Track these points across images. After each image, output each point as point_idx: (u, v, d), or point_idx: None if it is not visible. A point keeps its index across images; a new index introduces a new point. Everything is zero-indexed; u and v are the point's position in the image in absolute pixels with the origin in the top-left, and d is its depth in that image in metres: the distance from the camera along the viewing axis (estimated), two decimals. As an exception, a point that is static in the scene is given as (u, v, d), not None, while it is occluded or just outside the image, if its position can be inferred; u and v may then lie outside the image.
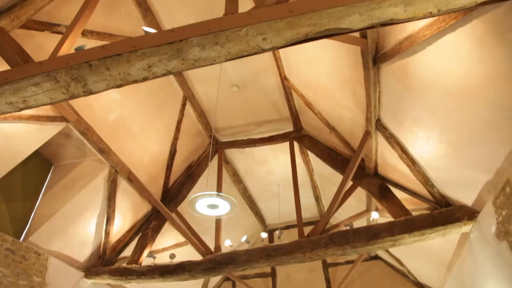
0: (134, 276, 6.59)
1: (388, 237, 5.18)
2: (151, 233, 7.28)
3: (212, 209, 4.99)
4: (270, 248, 6.02)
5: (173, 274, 6.42)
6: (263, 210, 10.25)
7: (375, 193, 6.20)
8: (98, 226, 6.73)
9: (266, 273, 10.39)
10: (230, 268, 6.22)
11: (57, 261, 6.27)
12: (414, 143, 5.04)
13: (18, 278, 5.57)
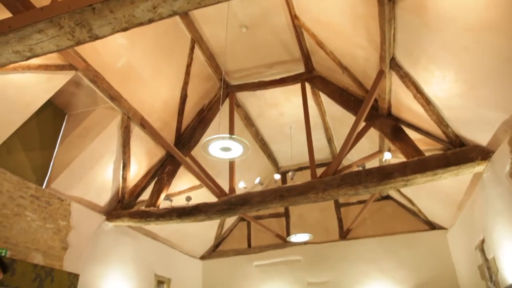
0: (152, 218, 6.87)
1: (400, 177, 5.23)
2: (167, 177, 7.47)
3: (225, 151, 5.03)
4: (283, 189, 6.15)
5: (190, 215, 6.67)
6: (275, 152, 10.35)
7: (388, 134, 6.16)
8: (115, 172, 6.92)
9: (279, 213, 10.73)
10: (245, 209, 6.41)
11: (79, 206, 6.54)
12: (429, 82, 4.90)
13: (45, 222, 5.86)
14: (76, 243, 6.37)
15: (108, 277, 7.11)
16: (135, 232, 8.07)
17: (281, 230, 10.48)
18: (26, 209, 5.54)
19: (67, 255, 6.17)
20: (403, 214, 9.58)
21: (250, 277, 10.22)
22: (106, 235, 7.20)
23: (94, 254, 6.86)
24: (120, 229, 7.55)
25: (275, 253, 10.21)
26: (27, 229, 5.54)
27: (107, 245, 7.23)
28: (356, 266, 9.36)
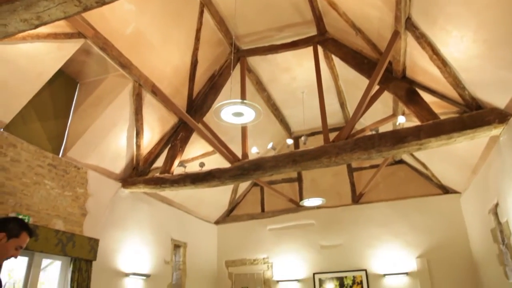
0: (167, 184, 6.99)
1: (414, 141, 5.16)
2: (180, 144, 7.53)
3: (237, 117, 5.02)
4: (296, 154, 6.15)
5: (204, 181, 6.76)
6: (288, 117, 10.29)
7: (402, 97, 6.05)
8: (129, 140, 6.99)
9: (292, 178, 10.81)
10: (258, 174, 6.46)
11: (95, 173, 6.68)
12: (446, 42, 4.73)
13: (63, 190, 6.02)
14: (94, 210, 6.56)
15: (126, 241, 7.36)
16: (150, 198, 8.25)
17: (294, 195, 10.60)
18: (44, 178, 5.69)
19: (86, 221, 6.37)
20: (416, 179, 9.56)
21: (263, 240, 10.46)
22: (122, 201, 7.38)
23: (112, 219, 7.06)
24: (136, 196, 7.72)
25: (288, 217, 10.38)
26: (47, 197, 5.70)
27: (124, 211, 7.43)
28: (369, 230, 9.48)
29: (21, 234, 2.29)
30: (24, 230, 2.32)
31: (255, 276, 10.32)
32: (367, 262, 9.32)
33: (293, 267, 9.95)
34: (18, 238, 2.27)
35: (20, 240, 2.29)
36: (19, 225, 2.32)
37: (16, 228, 2.28)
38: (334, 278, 9.49)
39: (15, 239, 2.26)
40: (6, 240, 2.22)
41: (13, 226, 2.28)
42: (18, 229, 2.29)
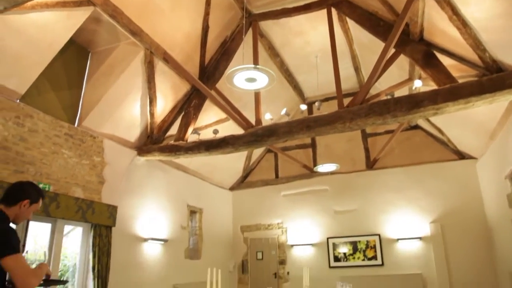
0: (182, 151, 7.06)
1: (430, 106, 5.06)
2: (193, 111, 7.53)
3: (250, 82, 4.97)
4: (310, 120, 6.10)
5: (218, 147, 6.80)
6: (301, 83, 10.16)
7: (419, 60, 5.87)
8: (143, 108, 7.02)
9: (306, 144, 10.80)
10: (272, 140, 6.46)
11: (111, 142, 6.76)
12: (467, 1, 4.53)
13: (81, 159, 6.14)
14: (111, 178, 6.69)
15: (144, 208, 7.54)
16: (166, 165, 8.37)
17: (308, 161, 10.62)
18: (62, 147, 5.79)
19: (104, 189, 6.52)
20: (431, 144, 9.45)
21: (278, 206, 10.61)
22: (138, 169, 7.51)
23: (129, 187, 7.22)
24: (151, 163, 7.84)
25: (302, 183, 10.45)
26: (65, 166, 5.83)
27: (140, 179, 7.57)
28: (383, 195, 9.51)
29: (39, 200, 2.49)
30: (41, 196, 2.52)
31: (269, 241, 10.55)
32: (380, 227, 9.41)
33: (307, 232, 10.12)
34: (37, 203, 2.47)
35: (38, 204, 2.49)
36: (37, 191, 2.50)
37: (35, 194, 2.47)
38: (347, 243, 9.64)
39: (35, 204, 2.46)
40: (29, 206, 2.40)
41: (33, 192, 2.46)
42: (37, 195, 2.48)
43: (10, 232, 2.22)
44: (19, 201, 2.36)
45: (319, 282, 7.29)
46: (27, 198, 2.39)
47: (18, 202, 2.36)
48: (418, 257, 8.91)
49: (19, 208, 2.35)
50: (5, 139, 4.98)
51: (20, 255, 2.14)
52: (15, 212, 2.35)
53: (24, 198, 2.38)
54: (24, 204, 2.36)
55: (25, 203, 2.37)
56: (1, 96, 4.97)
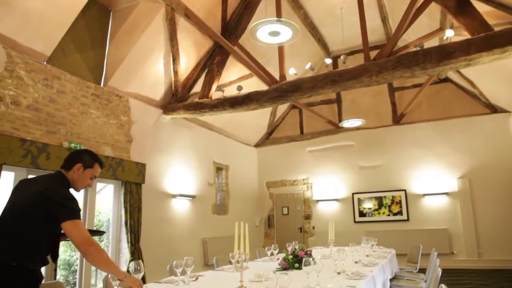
0: (206, 109, 7.09)
1: (462, 57, 4.82)
2: (217, 68, 7.48)
3: (273, 36, 4.85)
4: (335, 74, 5.96)
5: (242, 104, 6.78)
6: (326, 37, 9.84)
7: (451, 8, 5.53)
8: (166, 66, 7.01)
9: (331, 99, 10.63)
10: (296, 96, 6.38)
11: (136, 101, 6.85)
12: None
13: (108, 118, 6.27)
14: (138, 136, 6.84)
15: (171, 165, 7.73)
16: (191, 123, 8.46)
17: (333, 116, 10.50)
18: (90, 107, 5.91)
19: (132, 147, 6.68)
20: (462, 97, 9.12)
21: (303, 162, 10.66)
22: (165, 127, 7.62)
23: (156, 145, 7.37)
24: (177, 121, 7.93)
25: (327, 139, 10.41)
26: (94, 125, 5.97)
27: (167, 137, 7.70)
28: (409, 151, 9.38)
29: (94, 165, 2.51)
30: (96, 161, 2.54)
31: (295, 196, 10.71)
32: (406, 183, 9.36)
33: (332, 188, 10.19)
34: (92, 168, 2.50)
35: (94, 170, 2.52)
36: (92, 157, 2.53)
37: (89, 159, 2.50)
38: (373, 198, 9.67)
39: (90, 169, 2.49)
40: (82, 170, 2.45)
41: (87, 157, 2.50)
42: (92, 161, 2.51)
43: (71, 197, 2.31)
44: (73, 166, 2.43)
45: (344, 237, 7.41)
46: (80, 162, 2.44)
47: (72, 167, 2.43)
48: (444, 213, 8.88)
49: (73, 173, 2.43)
50: (36, 100, 5.11)
51: (79, 221, 2.24)
52: (72, 177, 2.43)
53: (77, 162, 2.43)
54: (77, 168, 2.43)
55: (78, 167, 2.43)
56: (30, 58, 5.05)
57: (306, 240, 10.22)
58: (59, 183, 2.37)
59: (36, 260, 2.23)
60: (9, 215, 2.25)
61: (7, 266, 2.12)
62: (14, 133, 4.78)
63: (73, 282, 5.94)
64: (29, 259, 2.18)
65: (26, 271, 2.17)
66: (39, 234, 2.22)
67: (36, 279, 2.25)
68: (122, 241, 6.42)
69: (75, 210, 2.25)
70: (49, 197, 2.21)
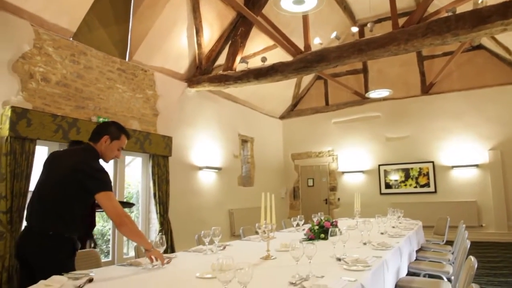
0: (231, 81, 7.07)
1: (499, 21, 4.55)
2: (240, 40, 7.40)
3: (298, 5, 4.72)
4: (361, 43, 5.78)
5: (267, 76, 6.72)
6: (352, 4, 9.51)
7: (487, -31, 5.23)
8: (190, 39, 6.98)
9: (357, 69, 10.39)
10: (321, 66, 6.25)
11: (161, 75, 6.89)
12: None
13: (134, 93, 6.35)
14: (164, 110, 6.92)
15: (197, 138, 7.82)
16: (216, 96, 8.48)
17: (359, 87, 10.28)
18: (116, 82, 5.99)
19: (158, 121, 6.78)
20: (496, 66, 8.71)
21: (328, 134, 10.57)
22: (190, 100, 7.67)
23: (182, 118, 7.45)
24: (202, 94, 7.96)
25: (353, 110, 10.24)
26: (121, 100, 6.07)
27: (192, 110, 7.76)
28: (438, 122, 9.13)
29: (121, 136, 2.56)
30: (123, 132, 2.59)
31: (320, 168, 10.69)
32: (434, 154, 9.17)
33: (358, 159, 10.10)
34: (119, 140, 2.54)
35: (121, 141, 2.56)
36: (118, 129, 2.58)
37: (116, 131, 2.55)
38: (399, 170, 9.55)
39: (117, 141, 2.53)
40: (110, 142, 2.50)
41: (113, 129, 2.55)
42: (118, 132, 2.55)
43: (103, 170, 2.40)
44: (101, 138, 2.49)
45: (370, 208, 7.38)
46: (107, 134, 2.49)
47: (100, 139, 2.48)
48: (474, 185, 8.69)
49: (101, 145, 2.48)
50: (64, 76, 5.22)
51: (112, 193, 2.32)
52: (100, 149, 2.49)
53: (104, 134, 2.49)
54: (105, 140, 2.48)
55: (105, 139, 2.48)
56: (56, 35, 5.13)
57: (331, 211, 10.27)
58: (90, 156, 2.45)
59: (72, 229, 2.33)
60: (45, 186, 2.35)
61: (45, 235, 2.24)
62: (45, 109, 4.92)
63: (106, 251, 6.21)
64: (65, 228, 2.29)
65: (63, 240, 2.29)
66: (73, 205, 2.32)
67: (72, 247, 2.36)
68: (151, 212, 6.62)
69: (106, 182, 2.33)
70: (81, 170, 2.30)
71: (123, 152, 6.05)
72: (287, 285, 1.86)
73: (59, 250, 2.27)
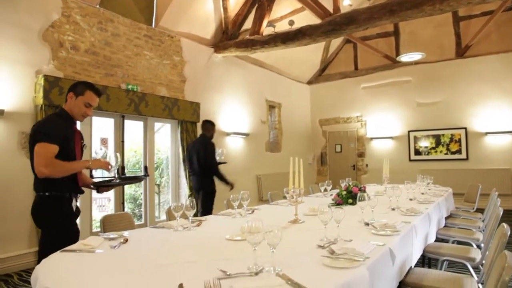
0: (257, 46, 6.97)
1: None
2: (267, 3, 7.22)
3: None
4: (393, 3, 5.51)
5: (294, 39, 6.58)
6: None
7: None
8: (216, 3, 6.88)
9: (388, 32, 9.98)
10: (351, 28, 6.04)
11: (188, 41, 6.86)
12: None
13: (162, 59, 6.37)
14: (192, 76, 6.93)
15: (224, 104, 7.84)
16: (243, 61, 8.40)
17: (390, 50, 9.93)
18: (143, 49, 6.02)
19: (186, 87, 6.82)
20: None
21: (357, 99, 10.36)
22: (217, 66, 7.64)
23: (209, 84, 7.45)
24: (228, 60, 7.90)
25: (383, 75, 9.95)
26: (149, 66, 6.11)
27: (219, 76, 7.74)
28: (472, 86, 8.75)
29: (85, 92, 2.56)
30: (88, 88, 2.59)
31: (348, 134, 10.57)
32: (468, 120, 8.85)
33: (387, 125, 9.91)
34: (83, 95, 2.55)
35: (85, 97, 2.56)
36: (84, 85, 2.60)
37: (81, 87, 2.57)
38: (430, 136, 9.32)
39: (81, 96, 2.54)
40: (75, 98, 2.53)
41: (79, 86, 2.58)
42: (83, 88, 2.57)
43: (51, 122, 2.45)
44: (67, 96, 2.55)
45: (398, 174, 7.28)
46: (71, 91, 2.54)
47: (67, 98, 2.55)
48: (508, 152, 8.39)
49: (68, 103, 2.53)
50: (93, 44, 5.28)
51: (48, 145, 2.31)
52: (68, 108, 2.53)
53: (69, 92, 2.54)
54: (70, 96, 2.53)
55: (70, 96, 2.53)
56: (83, 2, 5.15)
57: (359, 177, 10.22)
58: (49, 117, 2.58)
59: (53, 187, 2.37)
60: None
61: (38, 197, 2.40)
62: (76, 77, 5.02)
63: (139, 214, 6.45)
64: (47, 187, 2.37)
65: (51, 199, 2.38)
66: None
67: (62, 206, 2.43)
68: (181, 177, 6.78)
69: (45, 133, 2.33)
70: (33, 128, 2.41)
71: (152, 119, 6.17)
72: (315, 248, 1.90)
73: (46, 208, 2.38)
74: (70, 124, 2.54)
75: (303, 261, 1.68)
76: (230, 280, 1.39)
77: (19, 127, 4.52)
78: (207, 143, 5.22)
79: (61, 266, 1.71)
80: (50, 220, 2.38)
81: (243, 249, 1.86)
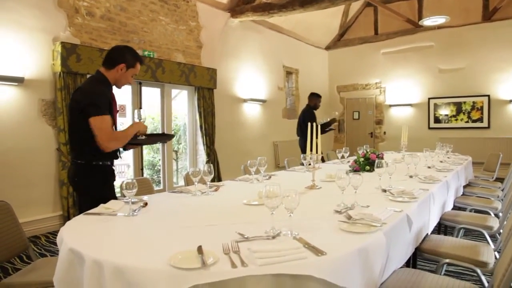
0: (275, 9, 6.81)
1: None
2: (285, -35, 6.98)
3: None
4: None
5: (313, 2, 6.41)
6: None
7: None
8: (232, -35, 6.68)
9: (411, -6, 9.59)
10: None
11: (204, 5, 6.73)
12: None
13: (178, 25, 6.29)
14: (208, 41, 6.85)
15: (241, 70, 7.76)
16: (260, 26, 8.23)
17: (412, 14, 9.55)
18: (159, 14, 5.94)
19: (202, 53, 6.76)
20: None
21: (376, 65, 10.12)
22: (233, 31, 7.52)
23: (225, 50, 7.36)
24: (245, 25, 7.75)
25: (404, 40, 9.63)
26: (165, 32, 6.05)
27: (236, 41, 7.63)
28: (499, 52, 8.39)
29: (136, 65, 2.55)
30: (138, 60, 2.56)
31: (366, 101, 10.41)
32: (491, 87, 8.58)
33: (406, 92, 9.70)
34: (134, 68, 2.53)
35: (135, 69, 2.56)
36: (134, 56, 2.55)
37: (132, 59, 2.52)
38: (451, 104, 9.10)
39: (132, 69, 2.53)
40: (125, 70, 2.50)
41: (129, 57, 2.52)
42: (134, 60, 2.53)
43: (99, 91, 2.39)
44: (116, 65, 2.46)
45: (417, 142, 7.19)
46: (124, 62, 2.46)
47: (115, 66, 2.47)
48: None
49: (116, 72, 2.47)
50: (108, 10, 5.23)
51: (104, 117, 2.30)
52: (114, 76, 2.48)
53: (121, 62, 2.46)
54: (121, 68, 2.46)
55: (121, 67, 2.46)
56: (98, -36, 5.06)
57: (376, 145, 10.14)
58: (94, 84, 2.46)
59: (95, 156, 2.39)
60: (69, 120, 2.53)
61: (77, 164, 2.41)
62: (93, 44, 5.02)
63: (157, 180, 6.58)
64: (89, 156, 2.38)
65: (92, 167, 2.40)
66: (87, 133, 2.31)
67: (104, 174, 2.46)
68: (198, 143, 6.84)
69: (99, 106, 2.31)
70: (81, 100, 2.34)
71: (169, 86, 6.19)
72: (332, 213, 1.91)
73: (90, 177, 2.40)
74: (110, 90, 2.52)
75: (320, 226, 1.70)
76: (248, 243, 1.42)
77: (38, 95, 4.58)
78: (303, 111, 6.73)
79: (84, 228, 1.77)
80: (94, 188, 2.40)
81: (261, 213, 1.89)
